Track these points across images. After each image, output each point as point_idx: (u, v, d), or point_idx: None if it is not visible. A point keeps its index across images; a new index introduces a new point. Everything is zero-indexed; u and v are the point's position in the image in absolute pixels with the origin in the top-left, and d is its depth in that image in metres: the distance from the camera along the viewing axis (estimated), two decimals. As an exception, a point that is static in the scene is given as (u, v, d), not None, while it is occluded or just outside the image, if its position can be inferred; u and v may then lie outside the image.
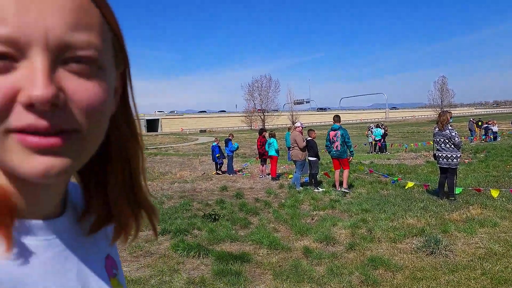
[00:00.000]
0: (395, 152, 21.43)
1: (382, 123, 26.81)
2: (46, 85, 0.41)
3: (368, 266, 4.74)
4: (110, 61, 0.50)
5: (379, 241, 5.72)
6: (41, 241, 0.51)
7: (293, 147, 10.95)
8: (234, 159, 15.58)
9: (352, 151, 10.16)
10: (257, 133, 14.25)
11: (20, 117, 0.42)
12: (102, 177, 0.60)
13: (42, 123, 0.43)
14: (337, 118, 10.29)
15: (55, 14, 0.43)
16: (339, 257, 5.15)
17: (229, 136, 15.14)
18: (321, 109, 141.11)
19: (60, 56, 0.44)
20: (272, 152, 12.80)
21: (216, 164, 14.65)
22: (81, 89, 0.45)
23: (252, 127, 72.86)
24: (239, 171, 14.78)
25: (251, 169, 15.27)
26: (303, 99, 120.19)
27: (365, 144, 24.46)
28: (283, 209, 8.11)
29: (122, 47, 0.54)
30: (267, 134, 13.50)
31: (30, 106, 0.42)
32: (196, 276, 4.60)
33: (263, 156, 13.50)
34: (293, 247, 5.61)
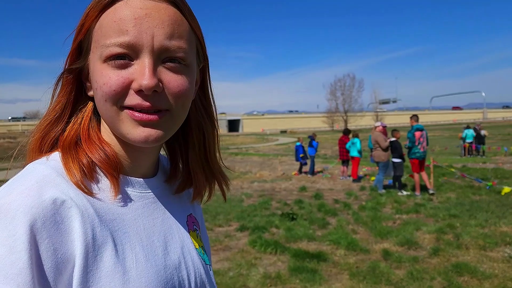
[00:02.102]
0: (492, 156, 19.61)
1: (479, 124, 24.52)
2: (151, 77, 0.59)
3: (452, 272, 4.47)
4: (194, 59, 0.68)
5: (466, 248, 5.35)
6: (137, 192, 0.71)
7: (375, 148, 10.62)
8: (315, 160, 15.48)
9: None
10: (341, 133, 13.91)
11: (132, 98, 0.61)
12: (185, 150, 0.80)
13: (146, 103, 0.61)
14: (416, 118, 9.85)
15: (159, 27, 0.61)
16: (421, 261, 4.92)
17: (312, 136, 15.05)
18: (507, 106, 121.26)
19: (161, 57, 0.62)
20: (354, 153, 12.50)
21: (301, 164, 14.64)
22: (173, 81, 0.63)
23: (334, 128, 71.49)
24: (319, 172, 14.66)
25: (331, 170, 15.08)
26: (389, 99, 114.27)
27: (457, 146, 22.69)
28: (363, 211, 7.92)
29: (203, 48, 0.72)
30: (351, 135, 13.21)
31: (139, 91, 0.60)
32: (272, 271, 4.72)
33: (343, 157, 13.23)
34: (372, 249, 5.47)
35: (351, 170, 12.66)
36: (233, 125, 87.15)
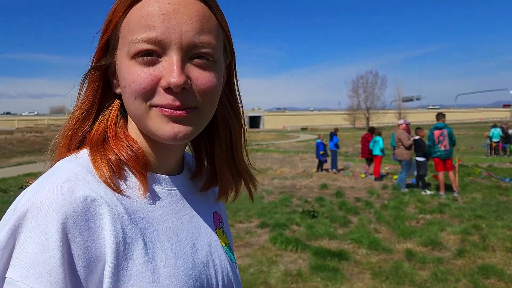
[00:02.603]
0: (520, 155, 19.03)
1: (506, 122, 23.80)
2: (180, 75, 0.59)
3: (478, 274, 4.37)
4: (221, 55, 0.67)
5: (493, 250, 5.21)
6: (165, 190, 0.70)
7: (398, 146, 10.44)
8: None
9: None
10: (364, 131, 13.70)
11: (161, 96, 0.60)
12: (211, 148, 0.79)
13: (175, 102, 0.60)
14: (440, 116, 9.59)
15: (188, 22, 0.60)
16: (445, 262, 4.83)
17: (334, 131, 14.90)
18: None
19: (189, 53, 0.61)
20: (376, 151, 12.32)
21: (320, 161, 14.53)
22: (201, 78, 0.62)
23: (355, 125, 70.66)
24: (340, 170, 14.53)
25: (352, 168, 14.92)
26: (412, 96, 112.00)
27: (484, 146, 22.10)
28: (385, 210, 7.82)
29: (230, 44, 0.71)
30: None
31: (168, 89, 0.60)
32: (293, 268, 4.71)
33: (365, 155, 13.07)
34: (394, 249, 5.39)
35: (373, 168, 12.50)
36: (254, 122, 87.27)
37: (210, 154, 0.79)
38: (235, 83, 0.77)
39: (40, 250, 0.51)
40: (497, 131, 20.22)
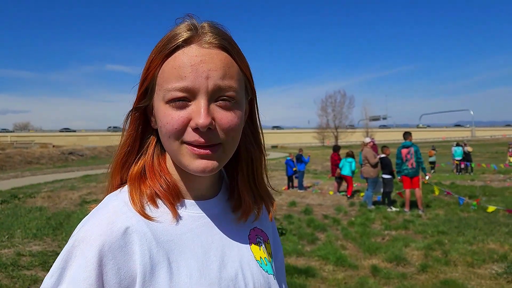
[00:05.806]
0: (481, 173, 19.82)
1: (465, 141, 24.86)
2: (206, 117, 0.69)
3: (439, 289, 4.47)
4: (242, 95, 0.77)
5: (454, 265, 5.36)
6: (196, 213, 0.81)
7: (365, 163, 10.65)
8: (305, 175, 15.44)
9: (423, 168, 9.71)
10: (332, 150, 13.85)
11: (190, 135, 0.71)
12: (235, 174, 0.89)
13: (201, 139, 0.70)
14: (407, 135, 9.87)
15: (212, 70, 0.71)
16: (409, 278, 4.92)
17: (299, 152, 15.06)
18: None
19: (214, 96, 0.71)
20: (345, 171, 12.29)
21: (289, 178, 14.59)
22: (224, 118, 0.72)
23: (324, 143, 71.78)
24: (308, 187, 14.65)
25: (321, 186, 15.08)
26: (379, 115, 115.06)
27: (448, 163, 22.91)
28: (352, 227, 7.92)
29: (251, 84, 0.81)
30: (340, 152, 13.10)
31: (196, 129, 0.70)
32: (260, 286, 4.66)
33: (335, 175, 13.17)
34: (360, 265, 5.45)
35: (347, 187, 12.46)
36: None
37: (235, 179, 0.89)
38: (257, 115, 0.88)
39: (82, 270, 0.66)
40: (459, 150, 21.00)
